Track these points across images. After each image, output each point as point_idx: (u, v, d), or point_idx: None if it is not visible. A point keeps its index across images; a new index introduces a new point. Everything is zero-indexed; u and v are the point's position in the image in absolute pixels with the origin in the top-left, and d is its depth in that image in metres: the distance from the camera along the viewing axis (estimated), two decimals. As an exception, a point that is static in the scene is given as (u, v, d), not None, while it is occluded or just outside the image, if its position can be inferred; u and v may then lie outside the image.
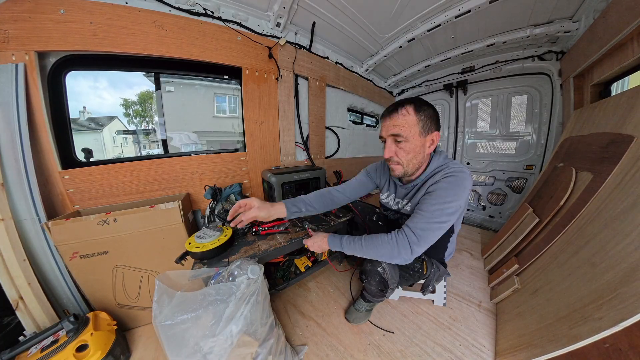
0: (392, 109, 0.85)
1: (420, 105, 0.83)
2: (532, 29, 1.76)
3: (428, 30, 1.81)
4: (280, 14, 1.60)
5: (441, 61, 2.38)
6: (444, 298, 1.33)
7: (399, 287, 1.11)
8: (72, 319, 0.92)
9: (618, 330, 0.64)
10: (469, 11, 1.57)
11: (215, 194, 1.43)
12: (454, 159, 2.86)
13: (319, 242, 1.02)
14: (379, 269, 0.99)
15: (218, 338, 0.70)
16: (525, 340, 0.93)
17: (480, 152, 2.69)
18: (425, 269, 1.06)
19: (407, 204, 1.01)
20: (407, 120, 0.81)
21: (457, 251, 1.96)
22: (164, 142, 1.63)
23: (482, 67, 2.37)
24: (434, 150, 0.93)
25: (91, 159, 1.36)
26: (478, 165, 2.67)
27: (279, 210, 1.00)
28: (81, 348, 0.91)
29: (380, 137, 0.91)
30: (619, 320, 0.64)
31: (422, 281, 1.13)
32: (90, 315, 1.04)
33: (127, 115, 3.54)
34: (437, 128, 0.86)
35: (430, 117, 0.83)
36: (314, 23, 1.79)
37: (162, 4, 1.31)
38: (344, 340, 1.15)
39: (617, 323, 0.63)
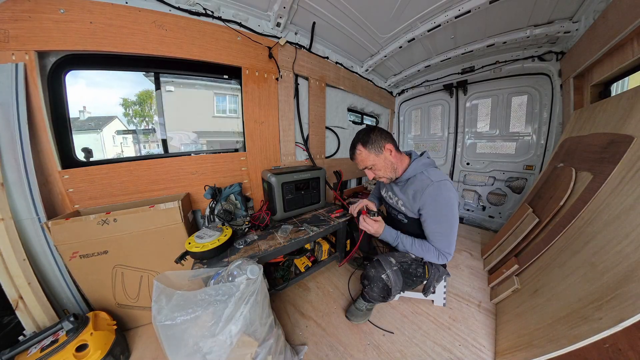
0: (351, 153, 1.10)
1: (364, 139, 1.04)
2: (532, 29, 1.76)
3: (428, 31, 1.81)
4: (280, 14, 1.60)
5: (441, 61, 2.38)
6: (444, 298, 1.33)
7: (402, 292, 1.12)
8: (71, 318, 0.92)
9: (618, 331, 0.64)
10: (469, 11, 1.57)
11: (215, 194, 1.43)
12: (454, 159, 2.87)
13: (375, 227, 1.14)
14: (383, 275, 1.01)
15: (217, 338, 0.70)
16: (525, 340, 0.93)
17: (480, 153, 2.69)
18: (427, 273, 1.08)
19: (398, 201, 1.16)
20: (363, 157, 1.06)
21: (457, 251, 1.96)
22: (164, 142, 1.62)
23: (482, 67, 2.37)
24: (421, 154, 1.11)
25: (91, 159, 1.36)
26: (478, 165, 2.67)
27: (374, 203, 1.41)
28: (81, 348, 0.91)
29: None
30: (618, 320, 0.64)
31: (424, 282, 1.13)
32: (90, 315, 1.04)
33: (126, 115, 3.54)
34: (386, 140, 1.04)
35: (376, 140, 1.03)
36: (314, 23, 1.79)
37: (162, 3, 1.31)
38: (344, 340, 1.15)
39: (617, 323, 0.64)
